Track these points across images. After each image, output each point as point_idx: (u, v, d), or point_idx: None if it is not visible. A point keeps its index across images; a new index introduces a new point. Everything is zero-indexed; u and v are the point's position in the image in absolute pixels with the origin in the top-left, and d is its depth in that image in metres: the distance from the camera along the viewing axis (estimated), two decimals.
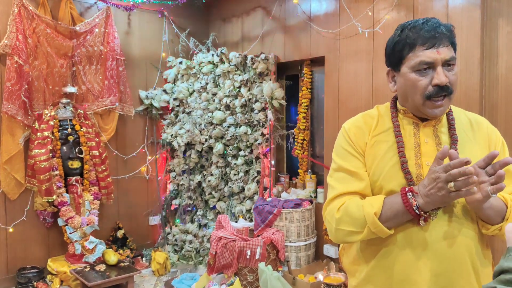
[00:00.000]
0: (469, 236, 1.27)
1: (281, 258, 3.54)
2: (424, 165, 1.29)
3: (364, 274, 1.37)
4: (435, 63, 1.24)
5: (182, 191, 4.75)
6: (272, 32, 4.26)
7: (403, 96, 1.35)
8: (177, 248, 4.62)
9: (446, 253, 1.25)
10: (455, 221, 1.26)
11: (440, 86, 1.24)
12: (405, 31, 1.29)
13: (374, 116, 1.41)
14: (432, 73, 1.25)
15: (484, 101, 2.71)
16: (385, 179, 1.31)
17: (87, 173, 4.11)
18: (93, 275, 3.57)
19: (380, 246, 1.32)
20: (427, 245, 1.25)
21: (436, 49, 1.24)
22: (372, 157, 1.36)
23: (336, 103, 3.67)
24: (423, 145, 1.32)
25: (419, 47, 1.25)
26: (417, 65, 1.26)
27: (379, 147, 1.35)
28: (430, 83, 1.25)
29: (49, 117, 3.89)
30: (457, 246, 1.25)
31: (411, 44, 1.26)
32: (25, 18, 3.77)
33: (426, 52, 1.24)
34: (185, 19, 4.91)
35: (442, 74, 1.24)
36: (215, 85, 4.49)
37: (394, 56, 1.33)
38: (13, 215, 3.89)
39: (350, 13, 3.44)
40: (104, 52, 4.26)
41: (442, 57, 1.24)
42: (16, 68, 3.71)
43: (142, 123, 4.71)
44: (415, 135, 1.33)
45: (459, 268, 1.26)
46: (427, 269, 1.25)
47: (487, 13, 2.69)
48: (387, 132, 1.36)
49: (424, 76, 1.26)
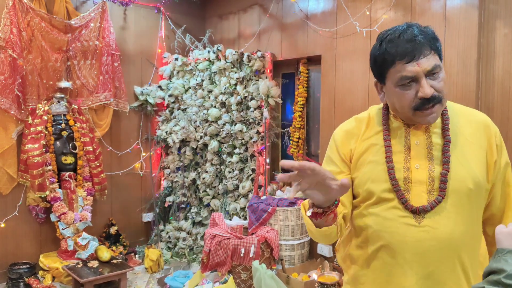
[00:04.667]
0: (460, 237, 1.24)
1: (275, 256, 3.54)
2: (413, 168, 1.28)
3: (354, 272, 1.38)
4: (417, 76, 1.21)
5: (176, 188, 4.73)
6: (269, 30, 4.25)
7: (392, 107, 1.33)
8: (171, 245, 4.60)
9: (433, 256, 1.23)
10: (445, 222, 1.24)
11: (427, 98, 1.21)
12: (383, 45, 1.24)
13: (364, 120, 1.40)
14: (416, 86, 1.22)
15: (480, 102, 2.72)
16: (373, 183, 1.30)
17: (81, 168, 4.07)
18: (85, 272, 3.54)
19: (368, 246, 1.32)
20: (413, 247, 1.24)
21: (416, 61, 1.20)
22: (362, 161, 1.35)
23: (332, 102, 3.67)
24: (413, 147, 1.30)
25: (398, 62, 1.21)
26: (400, 80, 1.22)
27: (369, 150, 1.34)
28: (416, 95, 1.22)
29: (42, 111, 3.85)
30: (445, 248, 1.23)
31: (390, 61, 1.23)
32: (19, 11, 3.72)
33: (406, 66, 1.20)
34: (182, 15, 4.88)
35: (426, 87, 1.20)
36: (211, 82, 4.47)
37: (377, 71, 1.30)
38: (5, 210, 3.85)
39: (348, 11, 3.43)
40: (99, 47, 4.22)
41: (424, 68, 1.20)
42: (9, 61, 3.66)
43: (137, 119, 4.68)
44: (405, 137, 1.31)
45: (446, 270, 1.24)
46: (413, 271, 1.24)
47: (484, 14, 2.70)
48: (378, 135, 1.35)
49: (408, 89, 1.23)
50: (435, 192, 1.25)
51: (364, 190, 1.32)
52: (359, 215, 1.35)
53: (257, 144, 4.17)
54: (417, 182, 1.26)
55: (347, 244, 1.43)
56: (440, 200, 1.23)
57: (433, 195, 1.25)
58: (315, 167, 1.09)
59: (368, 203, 1.32)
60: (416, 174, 1.27)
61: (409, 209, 1.25)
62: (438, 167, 1.26)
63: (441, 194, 1.24)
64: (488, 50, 2.71)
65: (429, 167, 1.27)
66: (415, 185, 1.26)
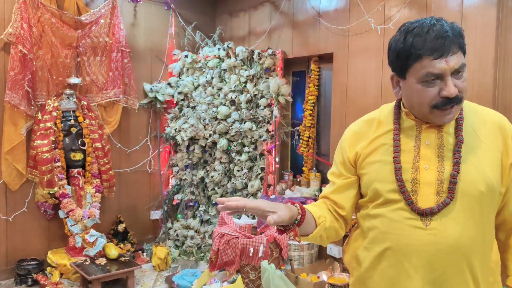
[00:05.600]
0: (469, 242, 1.19)
1: (284, 256, 3.50)
2: (422, 169, 1.23)
3: (359, 274, 1.35)
4: (443, 74, 1.16)
5: (185, 186, 4.70)
6: (279, 27, 4.20)
7: (408, 103, 1.28)
8: (178, 244, 4.58)
9: (440, 260, 1.19)
10: (453, 226, 1.19)
11: (451, 97, 1.17)
12: (409, 38, 1.18)
13: (375, 119, 1.36)
14: (440, 83, 1.17)
15: (497, 102, 2.65)
16: (380, 183, 1.27)
17: (89, 165, 4.06)
18: (93, 269, 3.53)
19: (374, 248, 1.28)
20: (420, 251, 1.20)
21: (445, 58, 1.14)
22: (370, 160, 1.32)
23: (344, 101, 3.62)
24: (423, 147, 1.25)
25: (425, 57, 1.15)
26: (424, 77, 1.17)
27: (378, 149, 1.31)
28: (438, 94, 1.17)
29: (52, 108, 3.84)
30: (453, 252, 1.18)
31: (417, 55, 1.16)
32: (30, 7, 3.71)
33: (434, 62, 1.15)
34: (192, 12, 4.85)
35: (451, 86, 1.15)
36: (220, 79, 4.43)
37: (398, 64, 1.24)
38: (14, 206, 3.85)
39: (363, 8, 3.38)
40: (109, 44, 4.21)
41: (451, 66, 1.15)
42: (20, 57, 3.66)
43: (146, 117, 4.66)
44: (416, 137, 1.27)
45: (454, 276, 1.19)
46: (418, 276, 1.20)
47: (503, 12, 2.63)
48: (388, 134, 1.31)
49: (431, 86, 1.17)
50: (444, 194, 1.20)
51: (371, 190, 1.29)
52: (367, 216, 1.32)
53: (266, 142, 4.13)
54: (426, 183, 1.22)
55: (354, 245, 1.40)
56: (448, 202, 1.18)
57: (441, 197, 1.20)
58: (245, 205, 1.16)
59: (375, 204, 1.29)
60: (425, 175, 1.22)
61: (416, 211, 1.20)
62: (449, 168, 1.21)
63: (449, 196, 1.19)
64: (506, 48, 2.65)
65: (439, 168, 1.22)
66: (423, 186, 1.22)
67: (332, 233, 1.36)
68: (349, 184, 1.38)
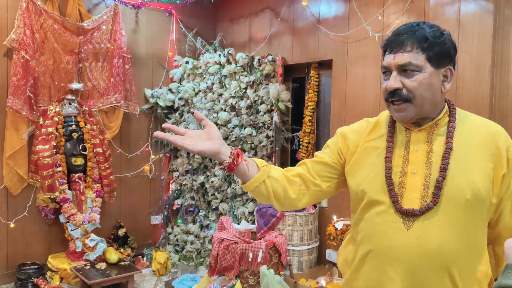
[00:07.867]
0: (451, 248, 1.18)
1: (283, 262, 3.51)
2: (409, 173, 1.25)
3: (348, 277, 1.37)
4: (389, 68, 1.25)
5: (185, 191, 4.72)
6: (280, 34, 4.24)
7: None
8: (178, 249, 4.59)
9: (421, 265, 1.18)
10: (436, 231, 1.19)
11: (390, 91, 1.24)
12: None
13: (372, 122, 1.41)
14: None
15: (494, 109, 2.68)
16: (368, 184, 1.29)
17: (90, 170, 4.09)
18: (93, 273, 3.54)
19: (360, 251, 1.31)
20: (401, 254, 1.20)
21: (394, 54, 1.23)
22: (361, 162, 1.34)
23: (343, 107, 3.64)
24: (412, 153, 1.27)
25: (386, 52, 1.27)
26: (382, 69, 1.29)
27: (370, 152, 1.34)
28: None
29: (54, 113, 3.87)
30: (433, 258, 1.18)
31: (383, 50, 1.29)
32: (33, 13, 3.76)
33: (386, 56, 1.26)
34: (193, 18, 4.90)
35: (391, 80, 1.23)
36: (221, 85, 4.46)
37: None
38: (15, 210, 3.87)
39: (361, 16, 3.41)
40: (110, 50, 4.25)
41: (396, 62, 1.22)
42: (22, 63, 3.70)
43: (147, 122, 4.69)
44: (406, 143, 1.29)
45: (435, 282, 1.19)
46: (399, 279, 1.21)
47: (499, 20, 2.66)
48: (381, 138, 1.34)
49: (385, 80, 1.27)
50: (428, 199, 1.21)
51: (359, 190, 1.31)
52: (357, 221, 1.34)
53: (266, 148, 4.15)
54: (411, 187, 1.23)
55: (346, 249, 1.43)
56: (432, 206, 1.19)
57: (426, 202, 1.21)
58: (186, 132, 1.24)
59: (362, 207, 1.31)
60: (411, 180, 1.24)
61: (398, 210, 1.21)
62: (435, 174, 1.22)
63: (433, 201, 1.19)
64: (503, 56, 2.67)
65: (426, 173, 1.23)
66: (409, 190, 1.23)
67: (278, 187, 1.35)
68: (328, 164, 1.41)
